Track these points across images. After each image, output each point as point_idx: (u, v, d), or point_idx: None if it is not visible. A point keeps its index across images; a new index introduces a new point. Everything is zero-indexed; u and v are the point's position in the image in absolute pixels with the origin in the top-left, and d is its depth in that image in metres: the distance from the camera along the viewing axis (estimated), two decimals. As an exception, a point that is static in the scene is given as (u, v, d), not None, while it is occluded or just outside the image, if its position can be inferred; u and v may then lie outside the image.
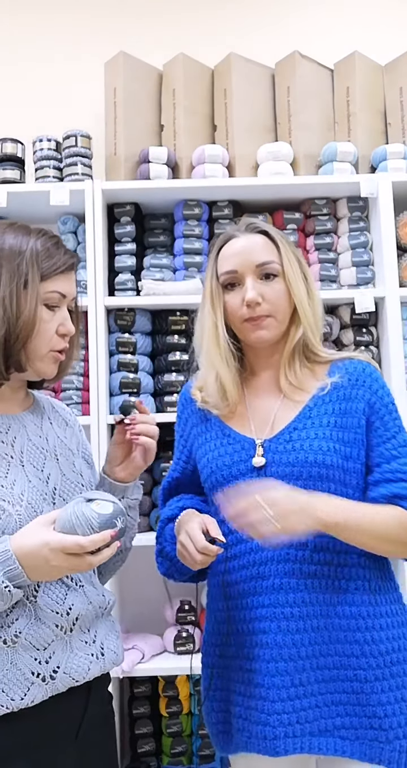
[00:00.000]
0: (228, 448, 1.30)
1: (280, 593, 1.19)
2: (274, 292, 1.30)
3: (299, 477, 1.21)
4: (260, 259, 1.31)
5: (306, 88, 2.45)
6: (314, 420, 1.26)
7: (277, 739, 1.15)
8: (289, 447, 1.24)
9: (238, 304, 1.30)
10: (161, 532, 1.36)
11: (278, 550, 1.19)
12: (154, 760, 2.21)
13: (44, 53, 2.67)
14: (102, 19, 2.70)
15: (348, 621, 1.19)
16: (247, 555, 1.23)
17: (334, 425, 1.25)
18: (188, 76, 2.45)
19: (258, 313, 1.29)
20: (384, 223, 2.23)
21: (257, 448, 1.26)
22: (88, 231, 2.21)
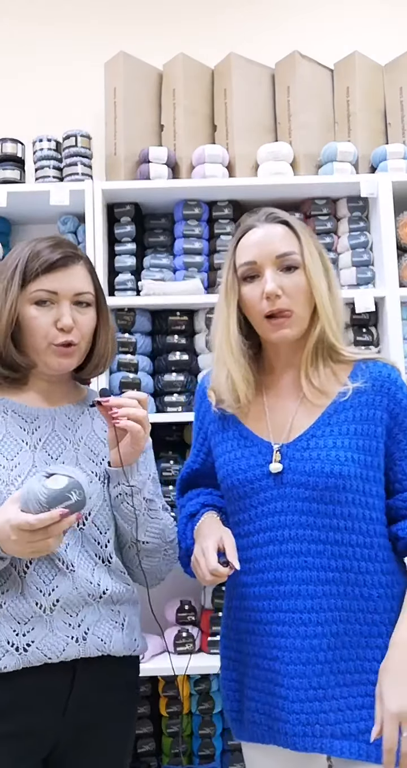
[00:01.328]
0: (245, 451, 1.28)
1: (298, 599, 1.19)
2: (294, 285, 1.25)
3: (315, 487, 1.20)
4: (280, 250, 1.26)
5: (306, 88, 2.45)
6: (333, 428, 1.23)
7: (296, 736, 1.16)
8: (306, 455, 1.22)
9: (257, 297, 1.25)
10: (183, 529, 1.35)
11: (296, 557, 1.20)
12: (154, 760, 2.20)
13: (44, 53, 2.67)
14: (102, 19, 2.70)
15: (370, 627, 1.19)
16: (264, 560, 1.23)
17: (354, 433, 1.22)
18: (188, 76, 2.45)
19: (278, 307, 1.23)
20: (384, 223, 2.23)
21: (275, 454, 1.24)
22: (88, 231, 2.21)
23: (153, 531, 1.26)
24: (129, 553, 1.28)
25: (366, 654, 1.18)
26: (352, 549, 1.19)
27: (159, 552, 1.29)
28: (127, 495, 1.22)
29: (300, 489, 1.20)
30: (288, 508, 1.21)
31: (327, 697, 1.16)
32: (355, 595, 1.19)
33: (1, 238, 2.42)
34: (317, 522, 1.20)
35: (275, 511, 1.23)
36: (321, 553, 1.19)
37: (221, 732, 2.20)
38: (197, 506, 1.36)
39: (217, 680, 2.20)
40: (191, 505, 1.37)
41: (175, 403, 2.21)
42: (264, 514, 1.24)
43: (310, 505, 1.20)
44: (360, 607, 1.19)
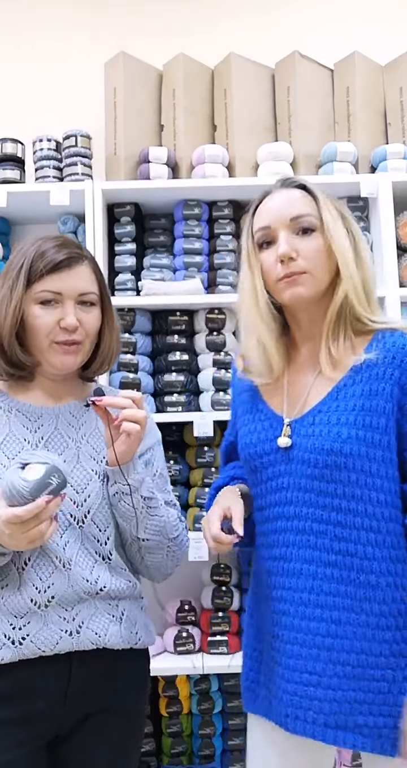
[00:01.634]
0: (258, 425, 1.26)
1: (300, 578, 1.16)
2: (311, 248, 1.20)
3: (316, 465, 1.16)
4: (293, 213, 1.22)
5: (306, 88, 2.45)
6: (339, 402, 1.17)
7: (289, 717, 1.15)
8: (310, 431, 1.18)
9: (272, 262, 1.21)
10: (210, 500, 1.31)
11: (300, 535, 1.17)
12: (154, 760, 2.21)
13: (44, 53, 2.67)
14: (102, 19, 2.70)
15: (377, 619, 1.12)
16: (273, 535, 1.21)
17: (361, 409, 1.15)
18: (188, 76, 2.45)
19: (292, 270, 1.19)
20: (384, 223, 2.23)
21: (285, 428, 1.21)
22: (88, 231, 2.21)
23: (153, 528, 1.25)
24: (131, 550, 1.28)
25: (372, 648, 1.12)
26: (356, 532, 1.13)
27: (161, 549, 1.28)
28: (124, 494, 1.22)
29: (304, 466, 1.17)
30: (294, 484, 1.18)
31: (323, 685, 1.12)
32: (360, 581, 1.13)
33: (1, 238, 2.42)
34: (319, 501, 1.15)
35: (283, 486, 1.20)
36: (323, 534, 1.14)
37: (221, 732, 2.20)
38: (226, 479, 1.36)
39: (217, 680, 2.20)
40: (222, 478, 1.39)
41: (175, 403, 2.21)
42: (273, 489, 1.22)
43: (312, 482, 1.16)
44: (366, 596, 1.13)
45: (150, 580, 1.36)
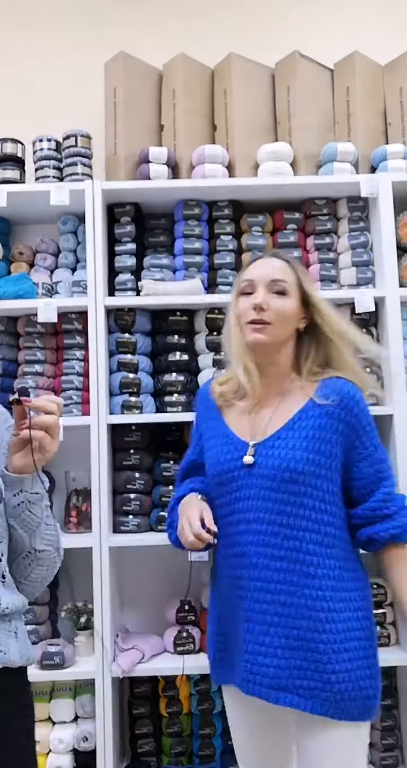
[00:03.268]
0: (224, 448, 1.53)
1: (255, 570, 1.43)
2: (280, 306, 1.50)
3: (274, 479, 1.43)
4: (274, 276, 1.52)
5: (306, 88, 2.45)
6: (296, 431, 1.46)
7: (243, 681, 1.42)
8: (270, 453, 1.45)
9: (247, 306, 1.51)
10: (172, 507, 1.62)
11: (257, 535, 1.43)
12: (154, 760, 2.21)
13: (44, 53, 2.67)
14: (102, 19, 2.70)
15: (314, 602, 1.39)
16: (235, 536, 1.47)
17: (313, 438, 1.44)
18: (188, 76, 2.45)
19: (261, 317, 1.48)
20: (384, 223, 2.23)
21: (249, 449, 1.48)
22: (88, 231, 2.21)
23: (48, 538, 1.21)
24: (20, 565, 1.21)
25: (309, 625, 1.38)
26: (302, 533, 1.41)
27: (50, 560, 1.23)
28: (31, 503, 1.15)
29: (264, 480, 1.44)
30: (254, 495, 1.45)
31: (270, 655, 1.39)
32: (302, 572, 1.40)
33: (1, 238, 2.42)
34: (274, 508, 1.42)
35: (246, 496, 1.46)
36: (276, 534, 1.42)
37: (221, 732, 2.20)
38: (186, 490, 1.60)
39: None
40: (182, 489, 1.62)
41: (175, 403, 2.22)
42: (237, 499, 1.48)
43: (270, 493, 1.43)
44: (306, 584, 1.40)
45: (28, 597, 1.25)
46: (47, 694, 2.19)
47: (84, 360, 2.26)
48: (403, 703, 2.22)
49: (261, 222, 2.34)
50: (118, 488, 2.23)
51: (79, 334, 2.26)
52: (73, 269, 2.37)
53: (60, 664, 2.07)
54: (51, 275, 2.39)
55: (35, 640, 2.15)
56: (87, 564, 2.11)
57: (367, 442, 1.48)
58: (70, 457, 2.28)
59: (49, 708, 2.16)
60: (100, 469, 2.13)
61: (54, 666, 2.07)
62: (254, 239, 2.32)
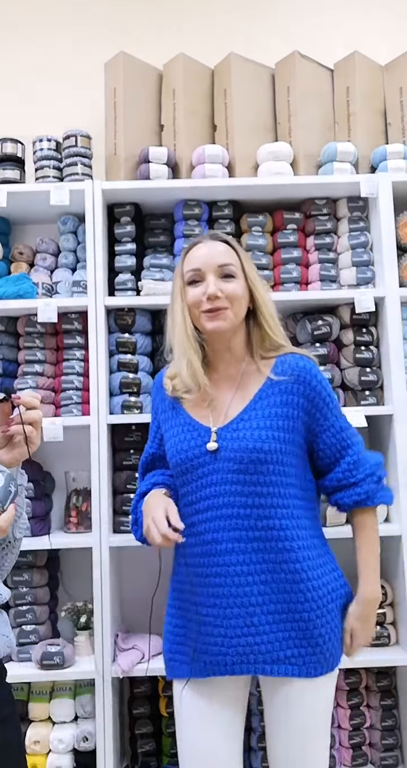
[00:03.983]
0: (187, 435, 1.51)
1: (231, 555, 1.43)
2: (231, 289, 1.51)
3: (242, 461, 1.44)
4: (220, 261, 1.52)
5: (306, 88, 2.45)
6: (258, 411, 1.48)
7: (235, 664, 1.43)
8: (235, 435, 1.46)
9: (199, 296, 1.50)
10: (135, 504, 1.60)
11: (228, 520, 1.44)
12: (154, 760, 2.21)
13: (44, 53, 2.67)
14: (102, 19, 2.71)
15: (293, 575, 1.43)
16: (203, 524, 1.46)
17: (275, 416, 1.47)
18: (188, 76, 2.45)
19: (217, 305, 1.49)
20: (384, 223, 2.23)
21: (212, 435, 1.48)
22: (88, 231, 2.21)
23: (23, 528, 1.24)
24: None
25: (291, 598, 1.43)
26: (274, 510, 1.44)
27: (18, 549, 1.26)
28: (17, 495, 1.16)
29: (230, 463, 1.44)
30: (222, 479, 1.45)
31: (259, 633, 1.42)
32: (279, 548, 1.43)
33: (1, 238, 2.42)
34: (244, 490, 1.44)
35: (212, 482, 1.46)
36: (248, 516, 1.43)
37: (221, 732, 2.19)
38: (149, 486, 1.59)
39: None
40: (144, 485, 1.62)
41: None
42: (203, 486, 1.47)
43: (238, 476, 1.44)
44: (284, 558, 1.43)
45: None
46: (47, 694, 2.19)
47: (84, 360, 2.26)
48: (403, 703, 2.22)
49: (261, 222, 2.34)
50: (118, 488, 2.23)
51: (79, 334, 2.27)
52: (73, 269, 2.37)
53: (60, 664, 2.07)
54: (51, 275, 2.39)
55: (35, 640, 2.15)
56: (87, 564, 2.11)
57: (328, 413, 1.51)
58: (70, 457, 2.29)
59: (49, 708, 2.16)
60: (100, 469, 2.13)
61: (54, 666, 2.07)
62: (254, 239, 2.32)
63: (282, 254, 2.32)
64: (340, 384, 2.27)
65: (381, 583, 2.23)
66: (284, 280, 2.31)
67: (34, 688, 2.19)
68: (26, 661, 2.13)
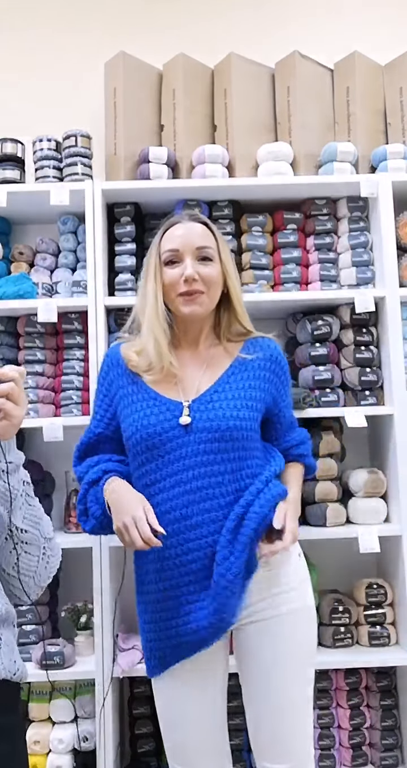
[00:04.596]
0: (154, 410, 1.49)
1: (202, 527, 1.43)
2: (209, 273, 1.53)
3: (216, 430, 1.46)
4: (199, 243, 1.53)
5: (306, 88, 2.45)
6: (231, 384, 1.53)
7: (209, 637, 1.44)
8: (210, 407, 1.49)
9: (176, 278, 1.52)
10: (85, 493, 1.54)
11: (197, 492, 1.44)
12: (154, 760, 2.21)
13: (44, 53, 2.67)
14: (102, 19, 2.71)
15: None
16: (170, 501, 1.45)
17: (249, 387, 1.54)
18: (188, 76, 2.45)
19: (194, 288, 1.50)
20: (384, 223, 2.23)
21: (184, 409, 1.48)
22: (88, 231, 2.21)
23: (30, 519, 1.18)
24: (5, 550, 1.17)
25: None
26: (244, 471, 1.49)
27: (37, 548, 1.19)
28: (3, 472, 1.13)
29: (204, 434, 1.46)
30: (192, 452, 1.45)
31: (235, 597, 1.41)
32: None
33: (1, 238, 2.42)
34: (217, 458, 1.46)
35: (180, 457, 1.46)
36: (220, 483, 1.45)
37: (221, 732, 2.20)
38: (98, 473, 1.54)
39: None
40: (93, 472, 1.55)
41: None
42: (170, 461, 1.46)
43: (212, 445, 1.46)
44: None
45: (20, 600, 1.23)
46: (47, 694, 2.19)
47: (84, 360, 2.26)
48: (403, 703, 2.22)
49: (261, 222, 2.34)
50: (118, 488, 2.22)
51: (79, 334, 2.26)
52: (73, 269, 2.37)
53: (60, 664, 2.07)
54: (51, 275, 2.39)
55: (35, 640, 2.15)
56: (87, 564, 2.11)
57: (287, 392, 1.65)
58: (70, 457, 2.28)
59: (49, 708, 2.16)
60: None
61: (54, 666, 2.07)
62: (254, 239, 2.32)
63: (282, 254, 2.32)
64: (340, 384, 2.27)
65: (381, 582, 2.24)
66: (284, 280, 2.31)
67: (34, 688, 2.19)
68: (26, 661, 2.12)
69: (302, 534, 2.15)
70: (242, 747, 2.16)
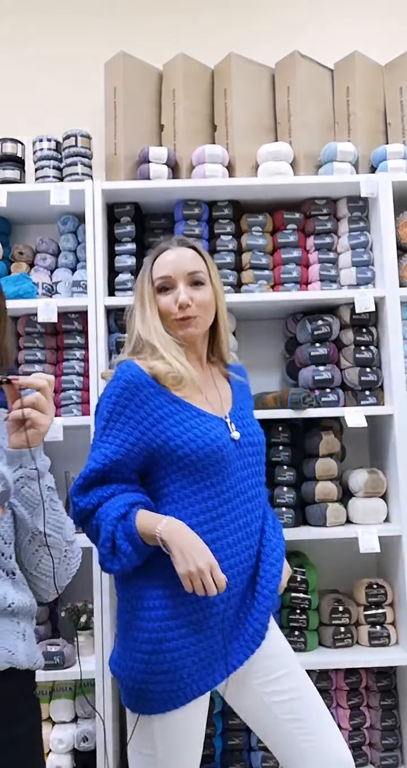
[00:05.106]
0: (208, 425, 1.48)
1: (258, 534, 1.53)
2: (202, 297, 1.56)
3: (257, 444, 1.57)
4: (191, 268, 1.56)
5: (306, 88, 2.45)
6: (242, 404, 1.62)
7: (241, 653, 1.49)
8: (245, 423, 1.57)
9: (170, 304, 1.55)
10: (112, 531, 1.40)
11: (253, 500, 1.54)
12: (154, 760, 2.20)
13: (44, 53, 2.68)
14: (102, 19, 2.71)
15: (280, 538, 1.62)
16: (235, 510, 1.49)
17: (250, 407, 1.67)
18: (188, 76, 2.45)
19: (188, 314, 1.54)
20: (384, 223, 2.23)
21: (230, 425, 1.53)
22: (88, 231, 2.21)
23: (54, 523, 1.20)
24: (28, 551, 1.19)
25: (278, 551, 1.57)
26: (262, 487, 1.61)
27: (59, 551, 1.21)
28: (30, 478, 1.16)
29: (249, 447, 1.55)
30: (245, 464, 1.53)
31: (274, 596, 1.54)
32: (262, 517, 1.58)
33: (1, 238, 2.42)
34: (260, 469, 1.58)
35: (237, 468, 1.51)
36: (261, 494, 1.57)
37: (221, 732, 2.19)
38: (125, 507, 1.41)
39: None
40: (117, 507, 1.41)
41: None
42: (231, 473, 1.49)
43: (255, 457, 1.56)
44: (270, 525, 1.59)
45: (40, 597, 1.25)
46: (47, 694, 2.19)
47: (84, 360, 2.26)
48: (403, 703, 2.22)
49: (261, 222, 2.34)
50: (118, 488, 2.22)
51: (79, 334, 2.26)
52: (73, 269, 2.37)
53: (60, 664, 2.07)
54: (51, 275, 2.39)
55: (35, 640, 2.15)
56: (87, 564, 2.11)
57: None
58: (70, 457, 2.28)
59: (49, 708, 2.17)
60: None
61: (54, 666, 2.07)
62: (254, 239, 2.32)
63: (282, 254, 2.32)
64: (340, 384, 2.27)
65: (381, 582, 2.24)
66: (284, 280, 2.31)
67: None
68: (26, 661, 2.12)
69: (303, 534, 2.16)
70: (242, 747, 2.16)
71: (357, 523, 2.20)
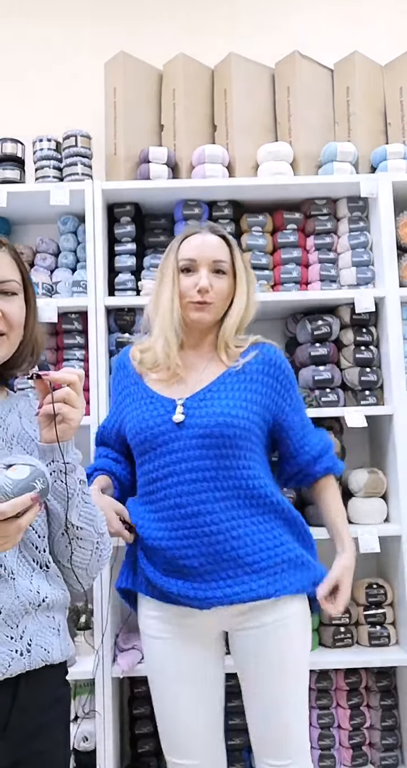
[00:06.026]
0: (150, 407, 1.57)
1: (198, 517, 1.50)
2: (221, 286, 1.61)
3: (207, 426, 1.51)
4: (216, 256, 1.61)
5: (306, 88, 2.45)
6: (226, 385, 1.58)
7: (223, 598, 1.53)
8: (202, 404, 1.54)
9: (190, 286, 1.59)
10: (88, 475, 1.58)
11: (192, 484, 1.52)
12: (154, 760, 2.20)
13: (44, 53, 2.68)
14: (102, 19, 2.71)
15: (265, 534, 1.56)
16: (164, 490, 1.54)
17: (244, 389, 1.57)
18: (188, 76, 2.45)
19: (205, 299, 1.58)
20: (384, 223, 2.23)
21: (178, 407, 1.55)
22: (88, 231, 2.21)
23: (86, 516, 1.21)
24: (60, 544, 1.21)
25: (262, 547, 1.51)
26: (239, 471, 1.52)
27: (91, 542, 1.23)
28: (61, 472, 1.17)
29: (195, 429, 1.52)
30: (184, 446, 1.52)
31: (237, 583, 1.50)
32: (248, 504, 1.52)
33: (1, 238, 2.42)
34: (209, 453, 1.51)
35: (173, 450, 1.53)
36: (214, 478, 1.51)
37: (221, 732, 2.20)
38: (90, 469, 1.66)
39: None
40: (90, 467, 1.68)
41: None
42: (163, 454, 1.54)
43: (203, 440, 1.51)
44: (253, 512, 1.52)
45: (74, 584, 1.27)
46: (47, 694, 2.18)
47: (84, 360, 2.26)
48: (403, 703, 2.22)
49: (261, 222, 2.34)
50: (118, 488, 2.22)
51: (79, 334, 2.27)
52: (73, 269, 2.37)
53: (60, 664, 2.07)
54: (51, 275, 2.39)
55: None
56: (87, 564, 2.10)
57: (293, 395, 1.65)
58: (70, 457, 2.28)
59: (49, 708, 2.16)
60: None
61: (54, 666, 2.07)
62: (254, 239, 2.32)
63: (282, 254, 2.32)
64: (340, 384, 2.27)
65: (381, 582, 2.24)
66: (284, 280, 2.31)
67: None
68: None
69: (302, 534, 2.16)
70: (242, 747, 2.16)
71: (357, 523, 2.20)
